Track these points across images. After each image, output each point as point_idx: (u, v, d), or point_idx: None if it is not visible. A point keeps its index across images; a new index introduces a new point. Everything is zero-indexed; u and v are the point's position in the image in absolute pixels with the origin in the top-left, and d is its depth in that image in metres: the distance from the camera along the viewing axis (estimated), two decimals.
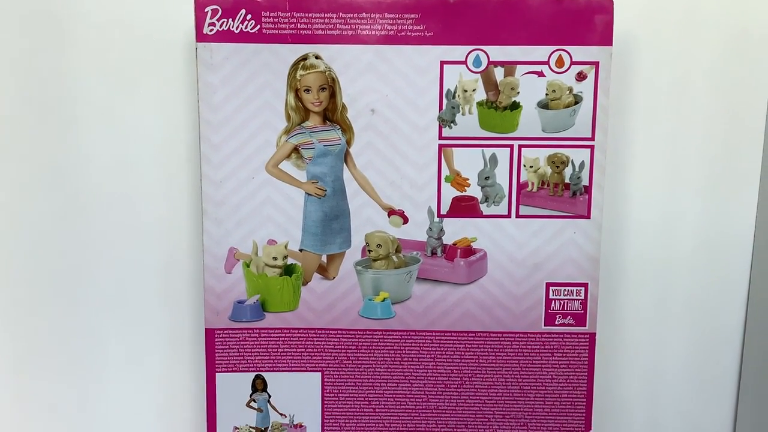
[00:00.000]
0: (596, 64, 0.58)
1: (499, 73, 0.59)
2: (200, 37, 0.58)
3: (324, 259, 0.62)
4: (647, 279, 0.68)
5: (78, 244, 0.67)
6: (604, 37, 0.58)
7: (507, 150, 0.60)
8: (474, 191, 0.61)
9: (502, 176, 0.60)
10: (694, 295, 0.69)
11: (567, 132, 0.59)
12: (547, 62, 0.58)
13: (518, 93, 0.59)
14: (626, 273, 0.68)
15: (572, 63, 0.58)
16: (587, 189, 0.60)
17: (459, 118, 0.60)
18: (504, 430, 0.64)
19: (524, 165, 0.60)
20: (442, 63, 0.59)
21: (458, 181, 0.60)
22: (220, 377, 0.63)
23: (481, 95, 0.59)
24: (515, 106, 0.59)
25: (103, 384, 0.70)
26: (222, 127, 0.59)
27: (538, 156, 0.60)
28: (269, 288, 0.62)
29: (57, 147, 0.66)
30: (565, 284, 0.61)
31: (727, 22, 0.65)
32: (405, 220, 0.61)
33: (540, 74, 0.59)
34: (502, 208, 0.61)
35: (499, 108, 0.59)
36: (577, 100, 0.59)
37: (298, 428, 0.64)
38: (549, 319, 0.62)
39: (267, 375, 0.63)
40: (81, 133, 0.65)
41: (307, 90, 0.59)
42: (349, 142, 0.60)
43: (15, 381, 0.69)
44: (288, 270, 0.62)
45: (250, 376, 0.63)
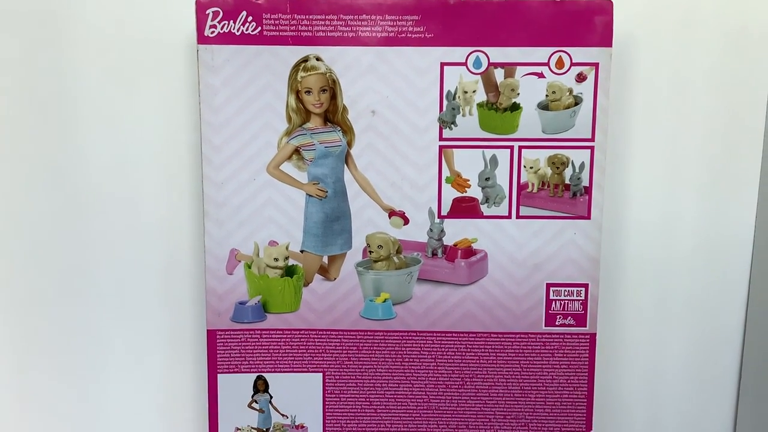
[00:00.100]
0: (596, 65, 0.58)
1: (500, 75, 0.59)
2: (201, 39, 0.58)
3: (325, 260, 0.62)
4: (647, 279, 0.68)
5: (79, 246, 0.67)
6: (604, 38, 0.58)
7: (507, 151, 0.60)
8: (474, 192, 0.61)
9: (503, 177, 0.60)
10: (694, 295, 0.69)
11: (567, 133, 0.60)
12: (547, 63, 0.59)
13: (518, 94, 0.59)
14: (626, 273, 0.68)
15: (572, 64, 0.58)
16: (587, 190, 0.60)
17: (459, 120, 0.60)
18: (505, 431, 0.64)
19: (524, 166, 0.60)
20: (443, 64, 0.59)
21: (459, 182, 0.60)
22: (222, 378, 0.63)
23: (482, 96, 0.59)
24: (515, 108, 0.59)
25: (105, 385, 0.70)
26: (223, 129, 0.59)
27: (539, 157, 0.60)
28: (270, 289, 0.62)
29: (58, 148, 0.66)
30: (566, 285, 0.62)
31: (727, 22, 0.65)
32: (406, 221, 0.61)
33: (540, 75, 0.59)
34: (503, 209, 0.61)
35: (500, 109, 0.59)
36: (577, 101, 0.59)
37: (300, 429, 0.64)
38: (549, 320, 0.62)
39: (268, 376, 0.63)
40: (83, 135, 0.66)
41: (308, 91, 0.59)
42: (350, 144, 0.60)
43: (16, 381, 0.69)
44: (289, 271, 0.62)
45: (252, 377, 0.63)
